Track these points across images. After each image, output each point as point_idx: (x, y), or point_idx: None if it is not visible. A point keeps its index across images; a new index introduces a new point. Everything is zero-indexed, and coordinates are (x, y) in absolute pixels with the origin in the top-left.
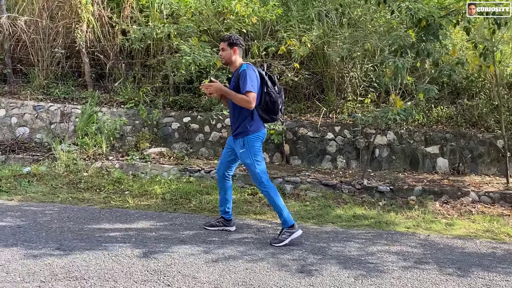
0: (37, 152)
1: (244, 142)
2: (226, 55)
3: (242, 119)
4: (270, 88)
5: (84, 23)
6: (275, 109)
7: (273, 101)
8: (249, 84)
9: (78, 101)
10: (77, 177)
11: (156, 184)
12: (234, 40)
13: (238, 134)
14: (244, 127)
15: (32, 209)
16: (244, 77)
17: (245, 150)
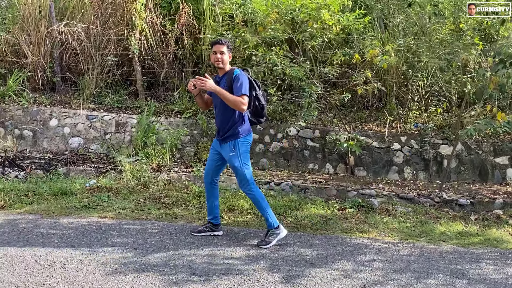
0: (98, 164)
1: (234, 146)
2: (226, 59)
3: (233, 122)
4: (258, 92)
5: (137, 30)
6: (263, 113)
7: (262, 105)
8: (243, 88)
9: (133, 111)
10: (155, 191)
11: (240, 199)
12: (230, 44)
13: (227, 138)
14: (235, 130)
15: (139, 228)
16: (239, 81)
17: (234, 154)
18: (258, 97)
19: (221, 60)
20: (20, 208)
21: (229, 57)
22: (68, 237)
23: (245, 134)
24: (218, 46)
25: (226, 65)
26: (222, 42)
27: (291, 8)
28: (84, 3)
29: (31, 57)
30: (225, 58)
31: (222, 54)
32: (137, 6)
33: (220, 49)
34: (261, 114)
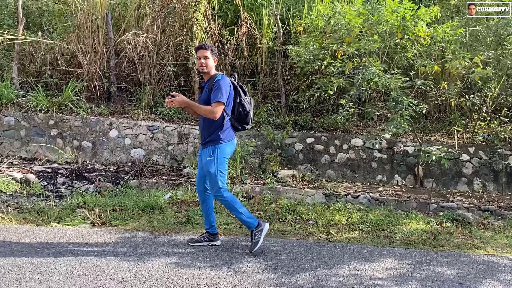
0: (168, 176)
1: (213, 151)
2: (210, 64)
3: (215, 127)
4: (243, 98)
5: (197, 40)
6: (248, 119)
7: (246, 111)
8: (219, 95)
9: (195, 121)
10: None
11: (334, 212)
12: (214, 49)
13: (208, 142)
14: (216, 135)
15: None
16: (216, 87)
17: (212, 159)
18: (243, 103)
19: (205, 65)
20: (123, 224)
21: (214, 61)
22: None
23: (227, 140)
24: (202, 51)
25: (211, 70)
26: (206, 47)
27: (382, 19)
28: (141, 12)
29: (87, 67)
30: (209, 63)
31: (206, 59)
32: (198, 16)
33: (204, 54)
34: (245, 121)
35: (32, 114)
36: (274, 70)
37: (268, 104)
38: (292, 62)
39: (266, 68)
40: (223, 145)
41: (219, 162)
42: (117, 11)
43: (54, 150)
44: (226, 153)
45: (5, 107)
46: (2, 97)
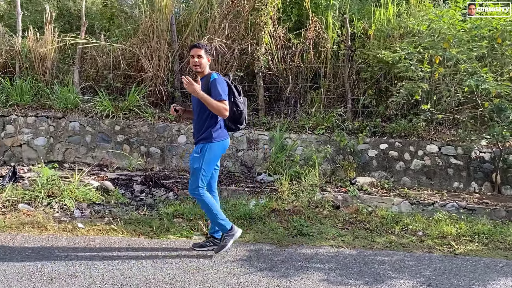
0: (246, 183)
1: (201, 148)
2: (204, 63)
3: (208, 126)
4: (237, 98)
5: (263, 44)
6: (242, 119)
7: (240, 111)
8: (223, 93)
9: (263, 127)
10: (340, 215)
11: (441, 224)
12: (209, 48)
13: (200, 140)
14: (209, 133)
15: (394, 259)
16: (216, 86)
17: (198, 156)
18: (237, 102)
19: (199, 64)
20: (239, 236)
21: (207, 60)
22: (335, 270)
23: (219, 139)
24: (195, 50)
25: (204, 69)
26: (200, 46)
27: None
28: (205, 16)
29: (151, 71)
30: (203, 62)
31: (200, 57)
32: (267, 20)
33: (197, 53)
34: (239, 121)
35: (97, 119)
36: (339, 74)
37: (338, 109)
38: (358, 66)
39: (330, 72)
40: (214, 144)
41: (205, 161)
42: (181, 15)
43: (121, 156)
44: (215, 153)
45: (69, 113)
46: (67, 102)
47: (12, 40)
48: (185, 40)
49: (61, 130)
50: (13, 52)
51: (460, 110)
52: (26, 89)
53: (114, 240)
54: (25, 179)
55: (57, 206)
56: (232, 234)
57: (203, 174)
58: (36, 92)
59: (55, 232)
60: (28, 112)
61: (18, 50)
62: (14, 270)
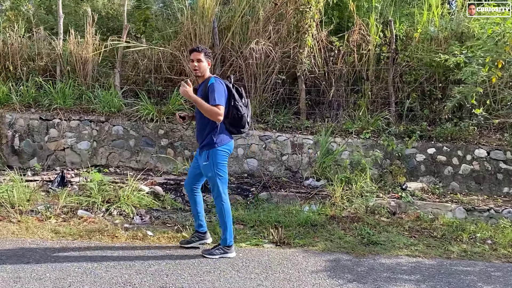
0: (290, 188)
1: (208, 155)
2: (203, 67)
3: (209, 131)
4: (238, 101)
5: (306, 47)
6: (242, 122)
7: (240, 115)
8: (218, 97)
9: (307, 130)
10: (403, 222)
11: (502, 229)
12: (209, 52)
13: (203, 147)
14: (210, 139)
15: (468, 270)
16: (213, 90)
17: (208, 163)
18: (237, 106)
19: (198, 68)
20: (307, 244)
21: (208, 64)
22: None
23: (222, 143)
24: (195, 54)
25: (204, 73)
26: (199, 50)
27: None
28: (247, 19)
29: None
30: (202, 66)
31: (200, 61)
32: (311, 23)
33: (197, 57)
34: (241, 124)
35: (140, 123)
36: (381, 76)
37: (383, 113)
38: (402, 69)
39: (372, 75)
40: (218, 149)
41: (216, 165)
42: (222, 18)
43: (166, 160)
44: (222, 157)
45: (112, 116)
46: (110, 105)
47: (53, 43)
48: (227, 43)
49: (105, 134)
50: (53, 55)
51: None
52: (68, 92)
53: (188, 249)
54: (74, 184)
55: (116, 213)
56: (227, 251)
57: (220, 179)
58: (78, 96)
59: (126, 240)
60: (71, 115)
61: (60, 53)
62: (104, 281)
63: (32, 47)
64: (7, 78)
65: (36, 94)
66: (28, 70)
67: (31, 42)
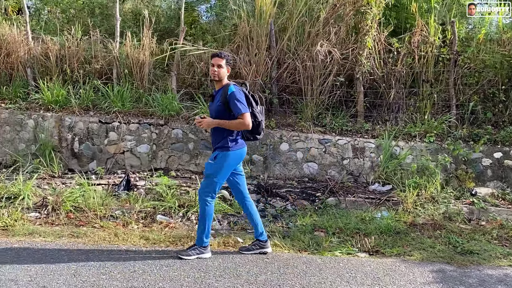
0: (356, 193)
1: (216, 156)
2: (223, 73)
3: (226, 134)
4: (255, 108)
5: (366, 49)
6: (260, 129)
7: (258, 121)
8: (242, 106)
9: (367, 133)
10: (487, 230)
11: None
12: (230, 58)
13: (217, 148)
14: (225, 142)
15: None
16: (236, 99)
17: (212, 163)
18: (255, 113)
19: (217, 74)
20: (402, 253)
21: (227, 71)
22: None
23: (235, 148)
24: (216, 59)
25: (223, 79)
26: (222, 56)
27: None
28: (305, 20)
29: (251, 78)
30: (222, 72)
31: (220, 67)
32: (372, 24)
33: (218, 62)
34: (258, 131)
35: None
36: (440, 79)
37: (446, 116)
38: (463, 71)
39: (431, 77)
40: (230, 153)
41: (218, 169)
42: (279, 20)
43: None
44: (230, 162)
45: (171, 120)
46: (169, 109)
47: (110, 45)
48: (283, 46)
49: (164, 137)
50: (109, 58)
51: None
52: (126, 95)
53: (285, 257)
54: (140, 188)
55: (194, 217)
56: (202, 251)
57: (215, 181)
58: (136, 99)
59: (219, 246)
60: (130, 119)
61: (116, 56)
62: None
63: (88, 50)
64: (65, 81)
65: (94, 97)
66: (84, 73)
67: (87, 45)
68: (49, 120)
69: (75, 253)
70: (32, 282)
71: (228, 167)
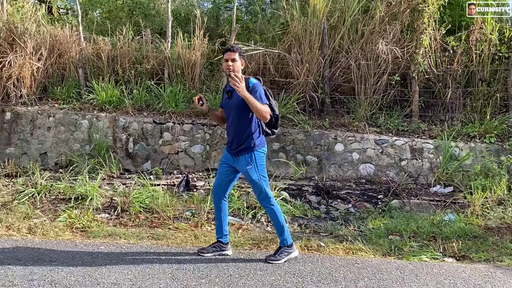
0: (421, 196)
1: (250, 158)
2: (238, 67)
3: (249, 133)
4: (272, 102)
5: (422, 47)
6: (277, 124)
7: (276, 115)
8: (264, 97)
9: (424, 134)
10: None
11: None
12: (243, 52)
13: (242, 150)
14: (250, 142)
15: None
16: (257, 91)
17: (252, 167)
18: (273, 107)
19: (233, 68)
20: (496, 260)
21: (241, 64)
22: None
23: (261, 146)
24: (230, 54)
25: (238, 74)
26: (234, 49)
27: None
28: (358, 18)
29: (303, 77)
30: (237, 66)
31: (234, 61)
32: (430, 22)
33: (231, 57)
34: (276, 125)
35: None
36: (497, 78)
37: (507, 115)
38: None
39: (488, 76)
40: (258, 151)
41: (259, 168)
42: (331, 19)
43: (277, 164)
44: (261, 159)
45: None
46: None
47: (162, 46)
48: (334, 44)
49: (217, 137)
50: (159, 58)
51: None
52: (179, 96)
53: (374, 262)
54: (200, 188)
55: (263, 219)
56: (290, 251)
57: (264, 181)
58: (189, 99)
59: (303, 250)
60: (184, 119)
61: (168, 56)
62: None
63: (139, 50)
64: (116, 82)
65: (147, 98)
66: (136, 73)
67: (138, 45)
68: (103, 120)
69: (163, 255)
70: (135, 286)
71: (263, 163)
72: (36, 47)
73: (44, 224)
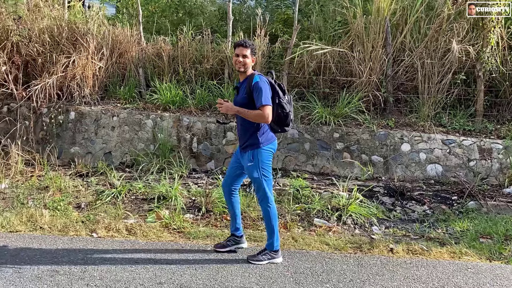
0: (497, 197)
1: (253, 155)
2: (248, 63)
3: (253, 130)
4: (282, 99)
5: (489, 46)
6: (288, 121)
7: (285, 113)
8: (264, 97)
9: (496, 135)
10: None
11: None
12: (255, 48)
13: (247, 147)
14: (255, 139)
15: None
16: (258, 90)
17: (253, 164)
18: (282, 104)
19: (243, 64)
20: None
21: (252, 61)
22: None
23: (267, 143)
24: (241, 49)
25: (248, 70)
26: (247, 45)
27: None
28: (421, 16)
29: (366, 76)
30: (247, 62)
31: (245, 57)
32: (498, 20)
33: (243, 52)
34: (286, 122)
35: (314, 126)
36: None
37: None
38: None
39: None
40: (263, 148)
41: (260, 166)
42: (394, 17)
43: (342, 164)
44: (266, 157)
45: None
46: None
47: (223, 45)
48: (397, 43)
49: (280, 137)
50: (219, 57)
51: None
52: None
53: (485, 268)
54: None
55: (350, 221)
56: (274, 256)
57: (266, 180)
58: None
59: (408, 254)
60: None
61: (228, 56)
62: None
63: (199, 49)
64: (177, 82)
65: (209, 97)
66: (196, 73)
67: (199, 44)
68: (167, 120)
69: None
70: None
71: (268, 161)
72: (98, 47)
73: (140, 225)
